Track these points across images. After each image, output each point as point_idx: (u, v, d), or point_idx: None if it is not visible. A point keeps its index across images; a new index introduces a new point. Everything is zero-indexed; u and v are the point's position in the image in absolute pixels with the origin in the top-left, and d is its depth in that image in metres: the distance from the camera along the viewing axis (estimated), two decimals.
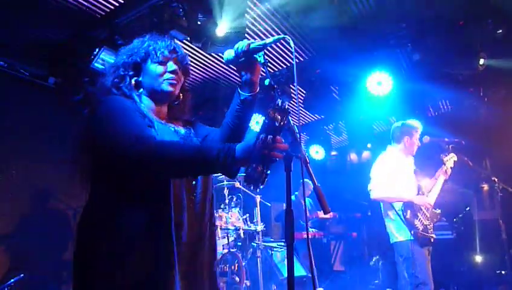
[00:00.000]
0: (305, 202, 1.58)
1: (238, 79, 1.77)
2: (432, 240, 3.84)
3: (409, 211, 3.83)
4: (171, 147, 1.48)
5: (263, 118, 1.37)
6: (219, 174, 4.28)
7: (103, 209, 1.56)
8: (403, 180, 3.99)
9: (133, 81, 1.75)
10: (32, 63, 4.81)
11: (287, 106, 1.38)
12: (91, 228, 1.56)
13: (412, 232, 3.75)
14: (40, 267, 4.73)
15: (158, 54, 1.76)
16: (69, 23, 4.31)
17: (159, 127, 1.64)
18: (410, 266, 3.72)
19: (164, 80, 1.75)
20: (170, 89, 1.75)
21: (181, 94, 1.87)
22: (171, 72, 1.76)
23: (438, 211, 3.99)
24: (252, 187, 1.38)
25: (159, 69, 1.75)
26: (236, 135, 1.76)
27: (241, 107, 1.75)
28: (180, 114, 1.88)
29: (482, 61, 4.77)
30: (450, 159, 4.15)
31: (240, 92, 1.74)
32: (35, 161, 4.89)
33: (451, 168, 4.13)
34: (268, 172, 1.35)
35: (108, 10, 4.22)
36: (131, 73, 1.76)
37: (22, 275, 4.22)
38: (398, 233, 3.89)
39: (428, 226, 3.84)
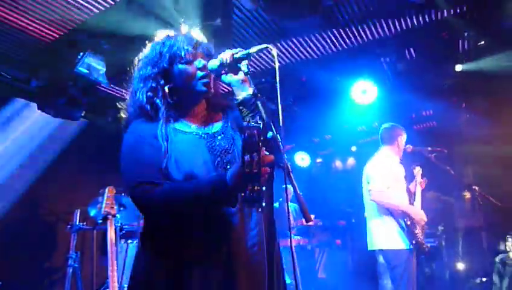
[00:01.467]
0: (288, 209, 1.58)
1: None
2: (426, 249, 3.78)
3: (409, 219, 3.75)
4: (165, 196, 1.47)
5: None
6: None
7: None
8: (399, 185, 3.93)
9: (166, 90, 1.66)
10: (13, 66, 4.72)
11: (259, 120, 1.39)
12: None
13: (414, 241, 3.67)
14: (21, 274, 4.64)
15: (183, 54, 1.66)
16: (53, 25, 4.26)
17: (179, 140, 1.60)
18: (398, 276, 3.65)
19: (197, 80, 1.66)
20: (205, 88, 1.67)
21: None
22: (201, 69, 1.67)
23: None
24: (254, 208, 1.38)
25: (189, 69, 1.66)
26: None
27: (246, 110, 1.65)
28: (218, 101, 1.79)
29: (459, 67, 4.89)
30: (418, 171, 4.26)
31: (236, 97, 1.66)
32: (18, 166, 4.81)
33: (422, 178, 4.22)
34: (264, 188, 1.34)
35: (93, 14, 4.18)
36: (162, 82, 1.66)
37: (0, 282, 4.12)
38: (393, 240, 3.76)
39: (422, 236, 3.82)
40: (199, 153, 1.60)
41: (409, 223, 3.71)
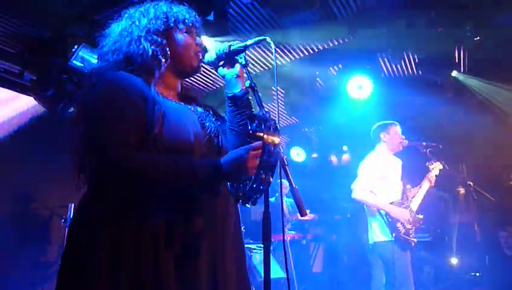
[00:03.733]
0: (282, 202, 1.58)
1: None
2: (413, 244, 3.85)
3: (389, 216, 3.86)
4: (153, 164, 1.33)
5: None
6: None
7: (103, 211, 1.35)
8: (387, 183, 4.01)
9: (168, 52, 1.53)
10: (6, 58, 4.67)
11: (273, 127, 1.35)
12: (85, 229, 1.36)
13: (394, 234, 3.77)
14: (14, 269, 4.61)
15: (186, 23, 1.59)
16: (46, 18, 4.21)
17: (170, 106, 1.46)
18: (391, 268, 3.73)
19: (195, 53, 1.60)
20: (197, 65, 1.61)
21: None
22: (199, 45, 1.62)
23: (421, 216, 4.02)
24: (252, 201, 1.31)
25: (189, 39, 1.59)
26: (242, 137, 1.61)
27: (235, 106, 1.64)
28: (191, 94, 1.72)
29: (454, 73, 4.92)
30: (436, 168, 4.21)
31: (228, 91, 1.66)
32: (9, 161, 4.76)
33: (436, 176, 4.18)
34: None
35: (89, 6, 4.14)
36: (164, 42, 1.54)
37: None
38: (380, 233, 3.92)
39: (410, 231, 3.86)
40: (192, 126, 1.47)
41: (390, 219, 3.82)
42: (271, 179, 1.28)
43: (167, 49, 1.53)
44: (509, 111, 5.45)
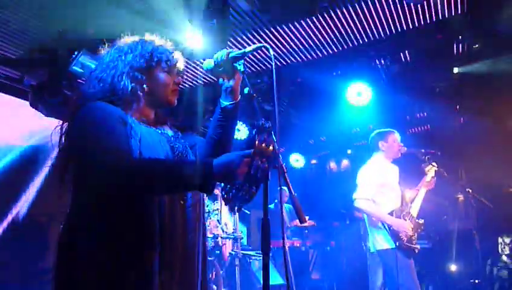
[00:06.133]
0: (281, 210, 1.58)
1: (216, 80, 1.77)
2: (416, 251, 3.84)
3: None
4: (145, 164, 1.45)
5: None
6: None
7: (86, 218, 1.48)
8: (387, 191, 4.01)
9: (145, 88, 1.65)
10: (6, 64, 4.68)
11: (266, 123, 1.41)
12: (72, 240, 1.48)
13: (397, 243, 3.75)
14: (10, 275, 4.59)
15: (168, 63, 1.69)
16: (47, 23, 4.23)
17: (144, 131, 1.57)
18: (394, 276, 3.70)
19: (171, 91, 1.71)
20: (172, 101, 1.72)
21: None
22: (177, 83, 1.72)
23: (421, 221, 4.01)
24: (235, 207, 1.38)
25: (167, 79, 1.69)
26: (221, 146, 1.73)
27: (223, 116, 1.73)
28: (165, 118, 1.82)
29: (456, 69, 4.91)
30: (431, 169, 4.18)
31: (221, 100, 1.73)
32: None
33: (432, 177, 4.16)
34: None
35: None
36: (144, 79, 1.65)
37: None
38: (382, 241, 3.88)
39: (412, 237, 3.85)
40: (162, 148, 1.60)
41: (392, 228, 3.81)
42: (255, 192, 1.33)
43: (145, 86, 1.64)
44: None
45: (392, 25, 4.51)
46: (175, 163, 1.54)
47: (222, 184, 1.48)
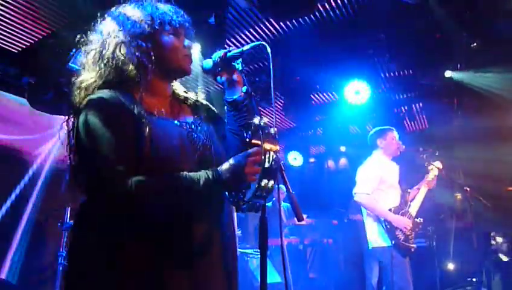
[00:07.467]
0: (280, 209, 1.58)
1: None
2: (413, 250, 3.85)
3: (387, 222, 3.86)
4: (160, 186, 1.33)
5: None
6: None
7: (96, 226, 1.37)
8: (386, 188, 4.02)
9: (152, 57, 1.46)
10: (4, 61, 4.66)
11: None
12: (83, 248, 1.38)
13: (393, 242, 3.78)
14: (11, 273, 4.59)
15: (173, 24, 1.50)
16: (45, 21, 4.21)
17: (158, 123, 1.42)
18: (389, 274, 3.73)
19: (183, 56, 1.53)
20: (187, 67, 1.55)
21: None
22: (187, 47, 1.55)
23: (420, 220, 4.03)
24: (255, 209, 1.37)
25: (176, 41, 1.52)
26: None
27: (236, 111, 1.59)
28: (182, 92, 1.66)
29: (448, 73, 4.94)
30: (434, 168, 4.18)
31: (227, 97, 1.62)
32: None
33: (435, 176, 4.16)
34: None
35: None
36: (149, 46, 1.47)
37: None
38: (379, 238, 3.91)
39: (409, 236, 3.86)
40: (178, 142, 1.45)
41: (388, 226, 3.83)
42: (274, 185, 1.30)
43: (151, 53, 1.47)
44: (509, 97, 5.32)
45: (390, 23, 4.52)
46: (181, 179, 1.35)
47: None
